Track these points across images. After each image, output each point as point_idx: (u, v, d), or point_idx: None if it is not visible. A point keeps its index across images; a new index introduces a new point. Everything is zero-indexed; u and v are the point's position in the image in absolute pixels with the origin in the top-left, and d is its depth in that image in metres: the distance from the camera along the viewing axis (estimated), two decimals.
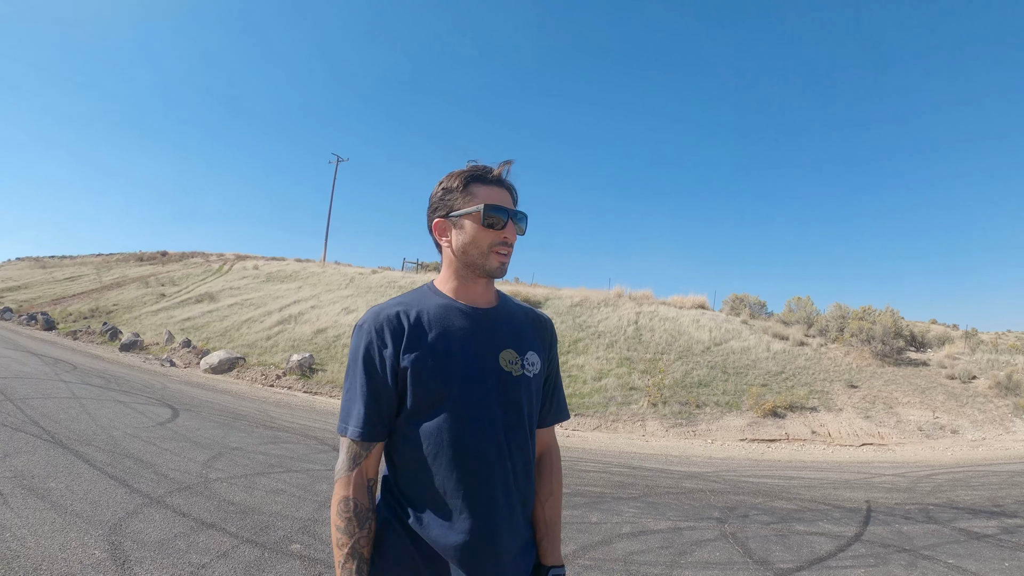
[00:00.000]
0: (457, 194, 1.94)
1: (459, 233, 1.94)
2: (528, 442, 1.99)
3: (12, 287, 46.45)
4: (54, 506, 5.65)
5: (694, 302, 27.19)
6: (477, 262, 1.93)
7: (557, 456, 2.23)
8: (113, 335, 26.16)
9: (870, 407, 16.85)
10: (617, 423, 15.65)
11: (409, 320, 1.89)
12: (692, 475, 9.94)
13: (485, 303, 2.03)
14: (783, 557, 5.87)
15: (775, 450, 13.77)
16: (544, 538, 2.10)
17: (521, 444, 1.95)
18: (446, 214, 1.96)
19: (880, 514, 7.74)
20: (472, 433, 1.85)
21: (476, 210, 1.89)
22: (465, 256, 1.94)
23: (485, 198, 1.91)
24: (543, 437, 2.18)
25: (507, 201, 1.95)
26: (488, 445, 1.87)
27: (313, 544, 5.36)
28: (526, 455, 1.98)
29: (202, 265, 47.99)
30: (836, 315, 23.75)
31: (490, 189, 1.93)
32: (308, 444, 9.75)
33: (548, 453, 2.20)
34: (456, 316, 1.95)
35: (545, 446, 2.20)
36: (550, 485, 2.15)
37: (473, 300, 2.00)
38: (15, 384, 12.09)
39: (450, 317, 1.94)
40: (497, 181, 1.95)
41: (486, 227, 1.90)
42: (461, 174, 1.95)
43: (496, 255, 1.92)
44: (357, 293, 30.90)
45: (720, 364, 19.70)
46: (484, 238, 1.90)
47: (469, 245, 1.92)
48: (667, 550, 5.91)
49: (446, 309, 1.95)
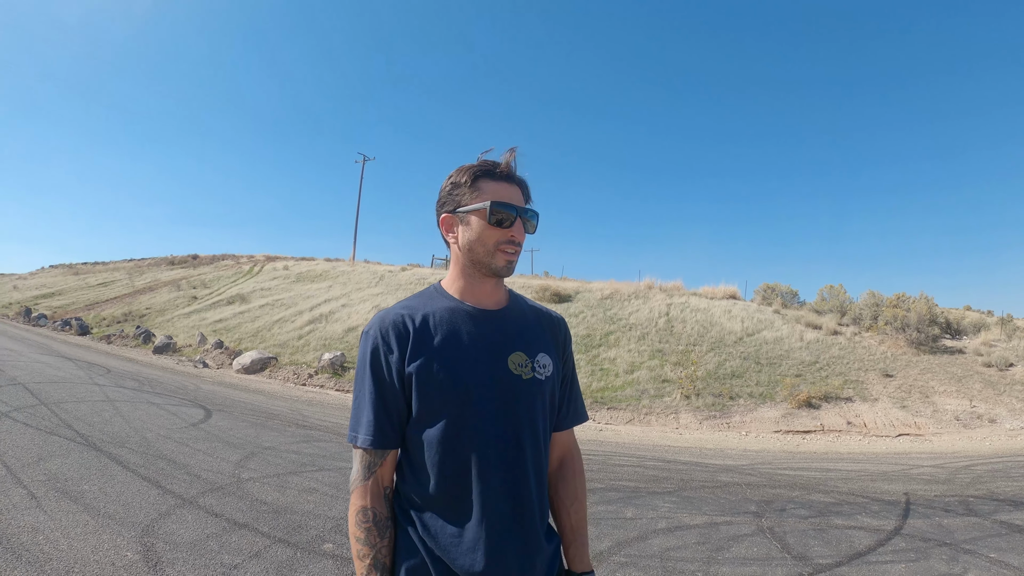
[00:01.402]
0: (465, 189, 1.88)
1: (466, 230, 1.89)
2: (541, 448, 1.92)
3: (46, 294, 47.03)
4: (87, 508, 5.69)
5: (725, 292, 27.02)
6: (483, 260, 1.88)
7: (579, 459, 2.18)
8: (146, 338, 26.40)
9: (906, 397, 16.63)
10: (650, 416, 15.56)
11: (414, 324, 1.85)
12: (727, 468, 9.86)
13: (494, 304, 1.97)
14: (822, 552, 5.79)
15: (810, 442, 13.63)
16: (571, 545, 2.05)
17: (533, 451, 1.88)
18: (453, 209, 1.91)
19: (919, 507, 7.62)
20: (479, 441, 1.80)
21: (483, 207, 1.84)
22: (471, 254, 1.89)
23: (493, 194, 1.85)
24: (562, 440, 2.12)
25: (516, 198, 1.89)
26: (496, 453, 1.81)
27: (346, 543, 5.32)
28: (539, 462, 1.91)
29: (233, 267, 48.36)
30: (870, 303, 23.46)
31: (499, 185, 1.87)
32: (340, 442, 9.76)
33: (569, 457, 2.14)
34: (463, 319, 1.90)
35: (565, 449, 2.14)
36: (574, 490, 2.10)
37: (481, 301, 1.95)
38: (49, 388, 12.18)
39: (456, 320, 1.89)
40: (506, 176, 1.89)
41: (492, 224, 1.84)
42: (470, 168, 1.90)
43: (502, 254, 1.86)
44: (387, 291, 30.97)
45: (753, 355, 19.54)
46: (490, 236, 1.85)
47: (475, 243, 1.87)
48: (704, 546, 5.84)
49: (452, 312, 1.90)
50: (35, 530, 5.08)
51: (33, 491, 6.01)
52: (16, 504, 5.62)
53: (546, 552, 1.90)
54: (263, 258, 52.67)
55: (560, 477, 2.10)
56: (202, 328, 27.90)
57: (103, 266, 65.08)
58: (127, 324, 31.35)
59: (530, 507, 1.85)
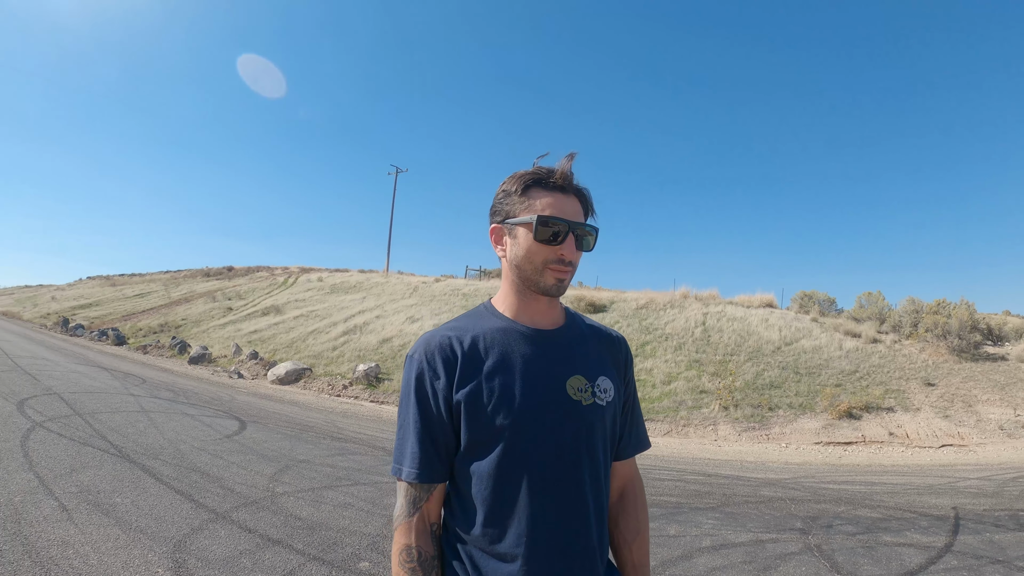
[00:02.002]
0: (515, 198, 1.72)
1: (514, 244, 1.73)
2: (601, 480, 1.75)
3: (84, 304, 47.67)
4: (118, 522, 5.65)
5: (761, 301, 26.74)
6: (531, 278, 1.71)
7: (641, 490, 2.00)
8: (182, 349, 26.59)
9: (948, 406, 16.29)
10: (688, 428, 15.36)
11: (463, 347, 1.69)
12: (770, 482, 9.65)
13: (549, 323, 1.81)
14: (872, 571, 5.60)
15: (852, 453, 13.37)
16: None
17: (593, 484, 1.71)
18: (503, 220, 1.75)
19: (969, 522, 7.39)
20: (534, 474, 1.63)
21: (530, 220, 1.66)
22: (519, 270, 1.73)
23: (543, 207, 1.67)
24: (624, 470, 1.95)
25: (571, 210, 1.69)
26: (553, 487, 1.64)
27: (382, 562, 5.23)
28: (599, 496, 1.74)
29: (267, 279, 48.77)
30: (909, 310, 23.10)
31: (551, 196, 1.68)
32: (376, 455, 9.67)
33: (631, 488, 1.97)
34: (516, 340, 1.73)
35: (627, 480, 1.97)
36: (636, 523, 1.92)
37: (535, 320, 1.78)
38: (84, 399, 12.26)
39: (509, 342, 1.73)
40: (561, 186, 1.70)
41: (540, 240, 1.66)
42: (522, 176, 1.72)
43: (552, 272, 1.69)
44: (421, 302, 31.00)
45: (791, 364, 19.26)
46: (538, 253, 1.67)
47: (523, 259, 1.70)
48: (750, 565, 5.67)
49: (504, 333, 1.74)
50: (65, 544, 5.05)
51: (64, 503, 5.99)
52: (47, 516, 5.60)
53: None
54: (297, 270, 53.10)
55: (621, 509, 1.93)
56: (237, 339, 28.06)
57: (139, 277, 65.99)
58: (163, 335, 31.61)
59: (590, 545, 1.68)
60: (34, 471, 6.93)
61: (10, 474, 6.74)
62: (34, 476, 6.75)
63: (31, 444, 8.06)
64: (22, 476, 6.72)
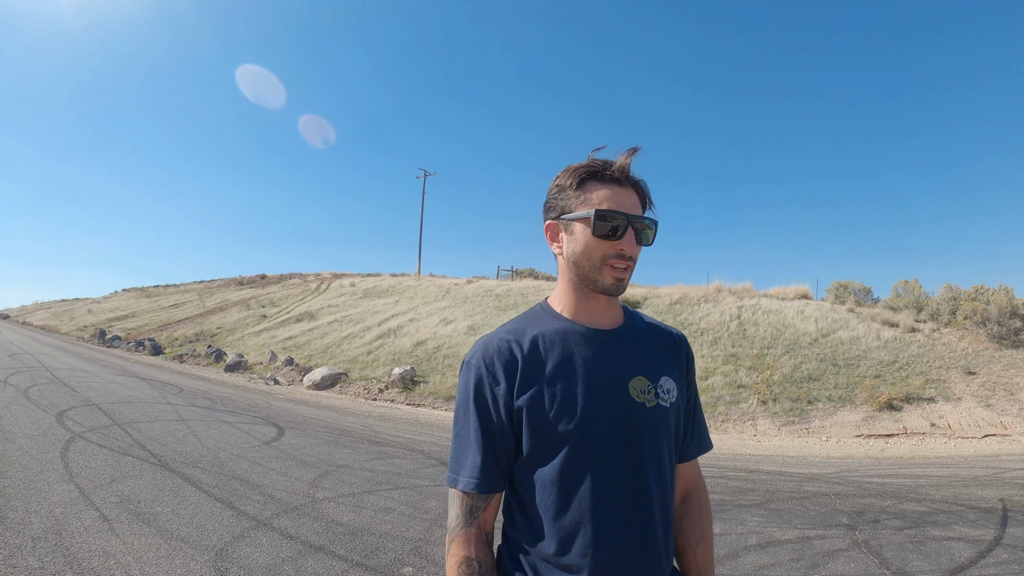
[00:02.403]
0: (571, 193, 1.66)
1: (570, 240, 1.67)
2: (668, 484, 1.69)
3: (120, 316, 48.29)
4: (159, 531, 5.66)
5: (796, 292, 26.51)
6: (589, 276, 1.65)
7: (704, 493, 1.94)
8: (218, 357, 26.79)
9: (990, 395, 16.05)
10: (727, 423, 15.26)
11: (523, 351, 1.64)
12: (813, 477, 9.53)
13: (609, 323, 1.74)
14: (922, 567, 5.50)
15: (894, 446, 13.20)
16: None
17: (659, 488, 1.65)
18: (558, 216, 1.70)
19: (1017, 514, 7.26)
20: (598, 480, 1.58)
21: (587, 214, 1.60)
22: (576, 268, 1.66)
23: (600, 201, 1.61)
24: (687, 473, 1.90)
25: (629, 204, 1.63)
26: (618, 492, 1.59)
27: (426, 567, 5.21)
28: (665, 500, 1.67)
29: (300, 285, 49.13)
30: (947, 297, 22.78)
31: (609, 189, 1.62)
32: (415, 459, 9.66)
33: (695, 491, 1.91)
34: (576, 341, 1.67)
35: (690, 483, 1.91)
36: (700, 527, 1.86)
37: (594, 320, 1.72)
38: (123, 409, 12.37)
39: (569, 343, 1.66)
40: (618, 179, 1.63)
41: (598, 236, 1.60)
42: (577, 169, 1.66)
43: (611, 269, 1.62)
44: (454, 304, 31.05)
45: (829, 356, 19.05)
46: (596, 248, 1.61)
47: (580, 256, 1.64)
48: (798, 562, 5.58)
49: (564, 334, 1.68)
50: (106, 554, 5.06)
51: (105, 513, 6.02)
52: (88, 527, 5.62)
53: None
54: (330, 275, 53.36)
55: (685, 514, 1.87)
56: (272, 346, 28.23)
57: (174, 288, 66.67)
58: (199, 344, 31.89)
59: (656, 551, 1.62)
60: (74, 482, 6.98)
61: (51, 486, 6.79)
62: (75, 487, 6.79)
63: (71, 455, 8.13)
64: (63, 487, 6.76)
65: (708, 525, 1.89)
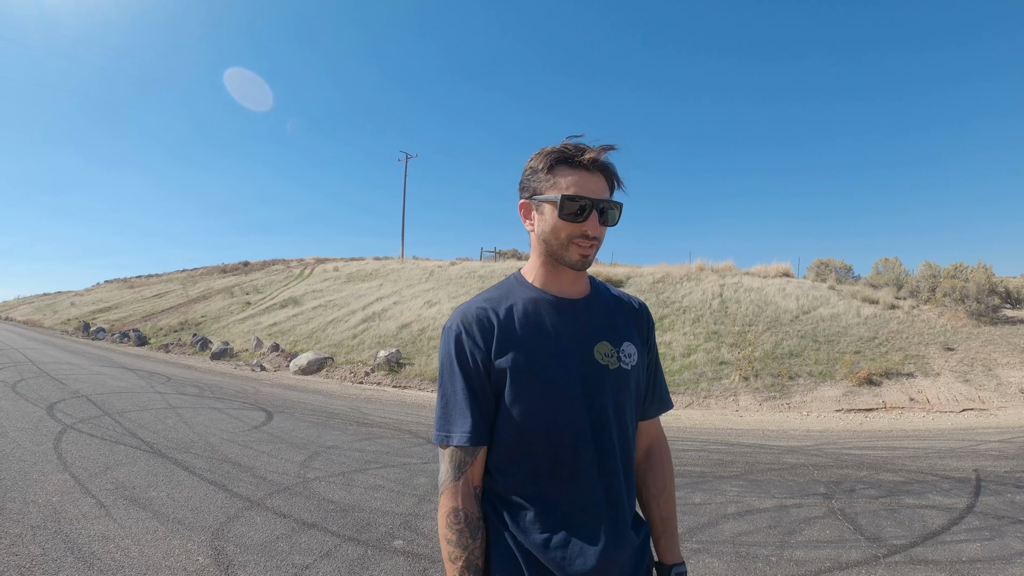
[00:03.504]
0: (542, 176, 1.79)
1: (541, 219, 1.81)
2: (629, 439, 1.87)
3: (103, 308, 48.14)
4: (156, 515, 5.76)
5: (778, 270, 26.73)
6: (557, 252, 1.80)
7: (666, 448, 2.12)
8: (203, 345, 26.85)
9: (968, 370, 16.31)
10: (709, 399, 15.48)
11: (499, 317, 1.79)
12: (792, 450, 9.75)
13: (577, 293, 1.91)
14: (895, 533, 5.69)
15: (873, 420, 13.45)
16: (662, 535, 2.00)
17: (621, 441, 1.83)
18: (530, 196, 1.84)
19: (990, 483, 7.47)
20: (568, 434, 1.74)
21: (555, 198, 1.74)
22: (546, 244, 1.82)
23: (567, 185, 1.74)
24: (649, 430, 2.07)
25: (595, 189, 1.76)
26: (585, 445, 1.76)
27: (416, 539, 5.36)
28: (627, 453, 1.86)
29: (283, 271, 48.98)
30: (926, 275, 23.01)
31: (576, 174, 1.75)
32: (402, 438, 9.82)
33: (656, 446, 2.09)
34: (547, 309, 1.84)
35: (652, 439, 2.08)
36: (663, 479, 2.04)
37: (564, 290, 1.88)
38: (112, 399, 12.44)
39: (540, 311, 1.83)
40: (586, 165, 1.75)
41: (564, 219, 1.74)
42: (549, 154, 1.79)
43: (576, 247, 1.77)
44: (438, 286, 31.16)
45: (810, 333, 19.30)
46: (563, 229, 1.76)
47: (549, 234, 1.79)
48: (775, 529, 5.77)
49: (536, 302, 1.84)
50: (106, 538, 5.15)
51: (102, 500, 6.10)
52: (85, 514, 5.70)
53: (635, 543, 1.85)
54: (313, 261, 53.25)
55: (648, 467, 2.05)
56: (257, 332, 28.30)
57: (157, 278, 66.37)
58: (184, 333, 31.90)
59: (620, 498, 1.80)
60: (69, 471, 7.05)
61: (46, 475, 6.86)
62: (69, 476, 6.87)
63: (64, 446, 8.19)
64: (58, 477, 6.83)
65: (670, 477, 2.07)
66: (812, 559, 5.10)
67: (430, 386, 17.94)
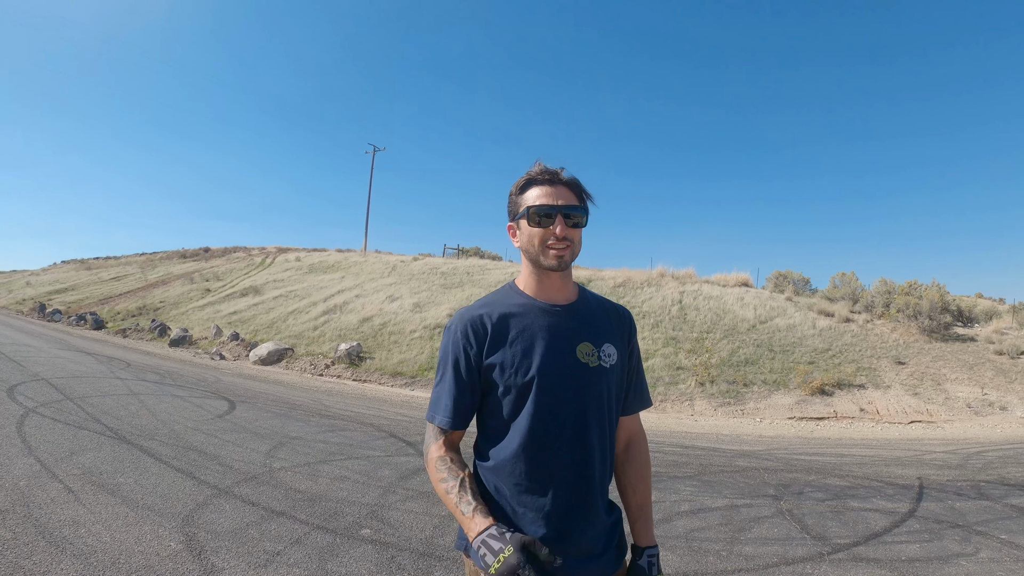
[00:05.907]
0: (516, 199, 2.11)
1: (521, 234, 2.09)
2: (606, 431, 2.10)
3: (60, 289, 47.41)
4: (125, 500, 5.79)
5: (737, 280, 27.09)
6: (536, 258, 2.06)
7: (644, 442, 2.34)
8: (162, 331, 26.66)
9: (918, 384, 16.76)
10: (665, 403, 15.75)
11: (492, 321, 2.05)
12: (744, 453, 10.03)
13: (563, 299, 2.15)
14: (840, 533, 5.96)
15: (824, 428, 13.80)
16: (637, 520, 2.24)
17: (599, 432, 2.06)
18: (512, 218, 2.13)
19: (932, 491, 7.78)
20: (549, 423, 1.98)
21: (524, 212, 2.05)
22: (527, 254, 2.09)
23: (534, 199, 2.04)
24: (630, 425, 2.30)
25: (560, 198, 2.04)
26: (565, 433, 2.00)
27: (382, 528, 5.49)
28: (604, 443, 2.09)
29: (245, 259, 48.59)
30: (882, 290, 23.53)
31: (540, 189, 2.05)
32: (365, 431, 9.94)
33: (635, 440, 2.31)
34: (536, 314, 2.08)
35: (631, 433, 2.31)
36: (640, 470, 2.27)
37: (551, 297, 2.13)
38: (73, 383, 12.39)
39: (530, 315, 2.07)
40: (548, 180, 2.06)
41: (533, 226, 2.03)
42: (520, 181, 2.12)
43: (550, 250, 2.03)
44: (400, 281, 31.15)
45: (766, 342, 19.67)
46: (536, 235, 2.03)
47: (527, 243, 2.07)
48: (726, 527, 6.01)
49: (526, 308, 2.09)
50: (76, 523, 5.16)
51: (69, 485, 6.09)
52: (54, 499, 5.70)
53: (605, 523, 2.09)
54: (275, 250, 52.87)
55: (627, 459, 2.29)
56: (217, 320, 28.12)
57: (115, 260, 65.54)
58: (142, 318, 31.62)
59: (591, 482, 2.03)
60: (34, 456, 7.02)
61: (11, 460, 6.82)
62: (35, 460, 6.84)
63: (27, 430, 8.15)
64: (23, 461, 6.80)
65: (647, 468, 2.31)
66: (760, 554, 5.33)
67: (391, 381, 18.07)
